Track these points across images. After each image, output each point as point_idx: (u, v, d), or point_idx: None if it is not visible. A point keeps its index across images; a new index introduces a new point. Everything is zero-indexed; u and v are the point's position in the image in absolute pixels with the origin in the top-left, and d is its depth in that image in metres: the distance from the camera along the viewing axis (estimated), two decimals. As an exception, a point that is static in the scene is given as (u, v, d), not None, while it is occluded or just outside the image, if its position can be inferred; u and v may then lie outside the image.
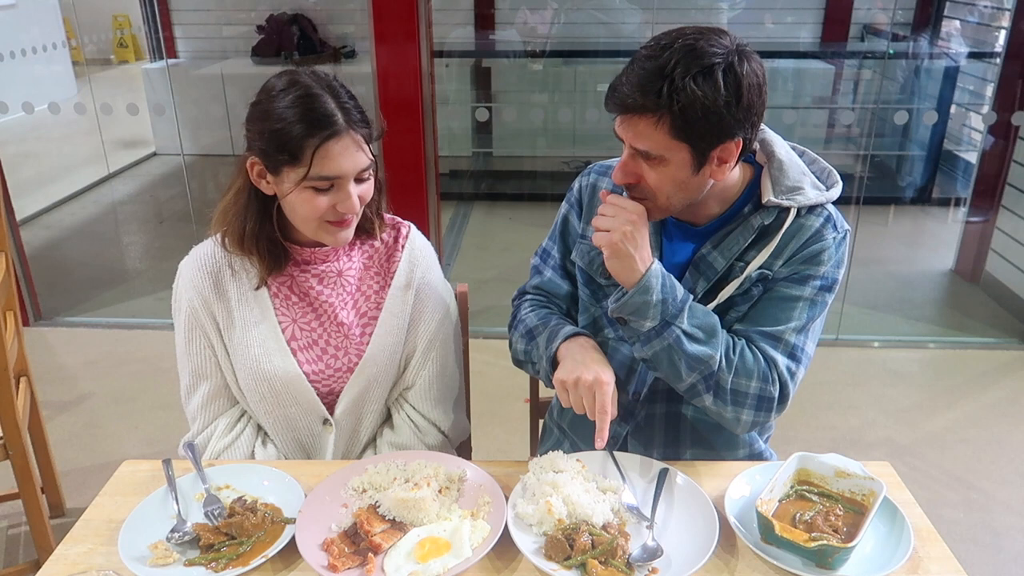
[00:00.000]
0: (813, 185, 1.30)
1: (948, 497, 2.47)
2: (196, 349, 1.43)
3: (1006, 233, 3.67)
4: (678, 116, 1.14)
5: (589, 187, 1.45)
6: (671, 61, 1.14)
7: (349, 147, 1.25)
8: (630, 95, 1.16)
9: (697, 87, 1.13)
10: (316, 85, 1.26)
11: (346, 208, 1.28)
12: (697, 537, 1.13)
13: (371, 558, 1.09)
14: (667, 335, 1.23)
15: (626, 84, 1.17)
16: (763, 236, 1.29)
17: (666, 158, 1.19)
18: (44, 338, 3.48)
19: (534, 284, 1.51)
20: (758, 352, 1.27)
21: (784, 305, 1.28)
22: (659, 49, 1.15)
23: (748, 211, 1.30)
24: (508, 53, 5.41)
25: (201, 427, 1.45)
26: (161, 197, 5.31)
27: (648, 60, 1.15)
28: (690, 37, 1.15)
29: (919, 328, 3.61)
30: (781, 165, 1.29)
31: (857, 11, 5.48)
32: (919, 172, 5.11)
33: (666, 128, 1.16)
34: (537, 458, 1.27)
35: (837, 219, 1.31)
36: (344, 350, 1.43)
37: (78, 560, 1.13)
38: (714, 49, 1.14)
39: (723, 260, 1.30)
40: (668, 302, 1.22)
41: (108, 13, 7.82)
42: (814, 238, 1.28)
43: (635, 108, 1.16)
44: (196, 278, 1.41)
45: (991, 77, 4.36)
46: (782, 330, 1.28)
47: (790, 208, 1.27)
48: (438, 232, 3.61)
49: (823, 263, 1.27)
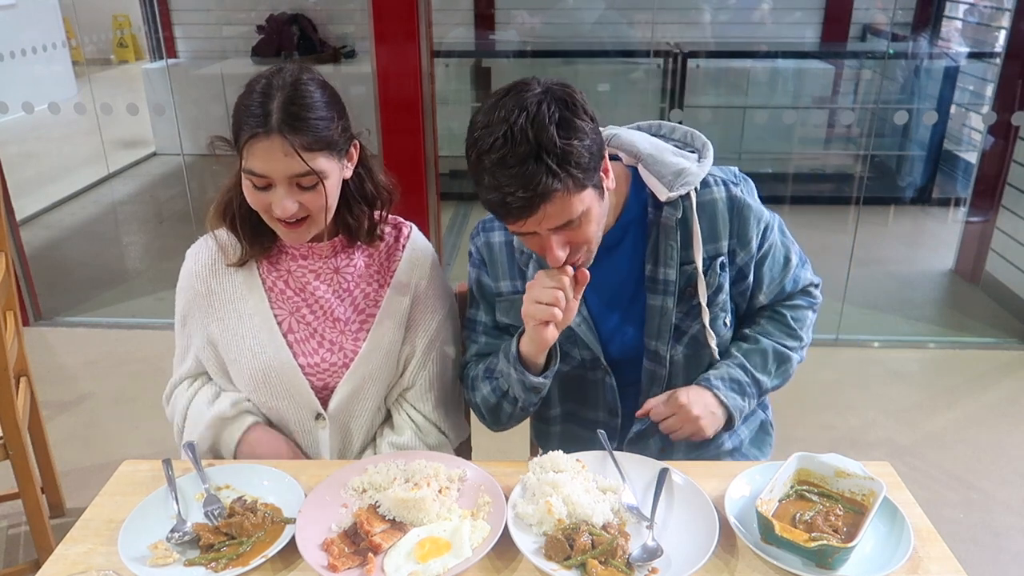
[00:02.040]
0: (687, 158, 1.36)
1: (948, 497, 2.47)
2: (188, 332, 1.48)
3: (1006, 233, 3.67)
4: (576, 174, 1.14)
5: (485, 246, 1.47)
6: (529, 140, 1.11)
7: (275, 150, 1.23)
8: (530, 199, 1.13)
9: (571, 140, 1.13)
10: (276, 83, 1.26)
11: (280, 211, 1.27)
12: (697, 537, 1.13)
13: (371, 558, 1.09)
14: (762, 397, 1.46)
15: (512, 191, 1.13)
16: (683, 229, 1.35)
17: (586, 210, 1.19)
18: (44, 338, 3.48)
19: (472, 354, 1.51)
20: (799, 297, 1.48)
21: (773, 255, 1.42)
22: (505, 143, 1.12)
23: (653, 214, 1.36)
24: (508, 53, 5.40)
25: (169, 393, 1.51)
26: (161, 197, 5.31)
27: (515, 159, 1.12)
28: (512, 110, 1.13)
29: (919, 328, 3.61)
30: (654, 159, 1.35)
31: (857, 11, 5.48)
32: (919, 172, 5.11)
33: (570, 190, 1.15)
34: (537, 458, 1.27)
35: (724, 174, 1.38)
36: (340, 345, 1.43)
37: (78, 560, 1.13)
38: (538, 99, 1.13)
39: (672, 270, 1.35)
40: (750, 397, 1.41)
41: (108, 13, 7.82)
42: (734, 206, 1.36)
43: (539, 203, 1.14)
44: (195, 267, 1.44)
45: (991, 77, 4.36)
46: (790, 267, 1.44)
47: (689, 193, 1.33)
48: (438, 232, 3.61)
49: (759, 212, 1.38)
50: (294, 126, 1.23)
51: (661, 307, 1.37)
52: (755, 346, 1.45)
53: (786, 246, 1.44)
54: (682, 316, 1.39)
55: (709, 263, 1.36)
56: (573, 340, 1.41)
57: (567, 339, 1.40)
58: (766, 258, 1.42)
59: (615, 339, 1.42)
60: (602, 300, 1.41)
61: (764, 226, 1.39)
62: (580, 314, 1.38)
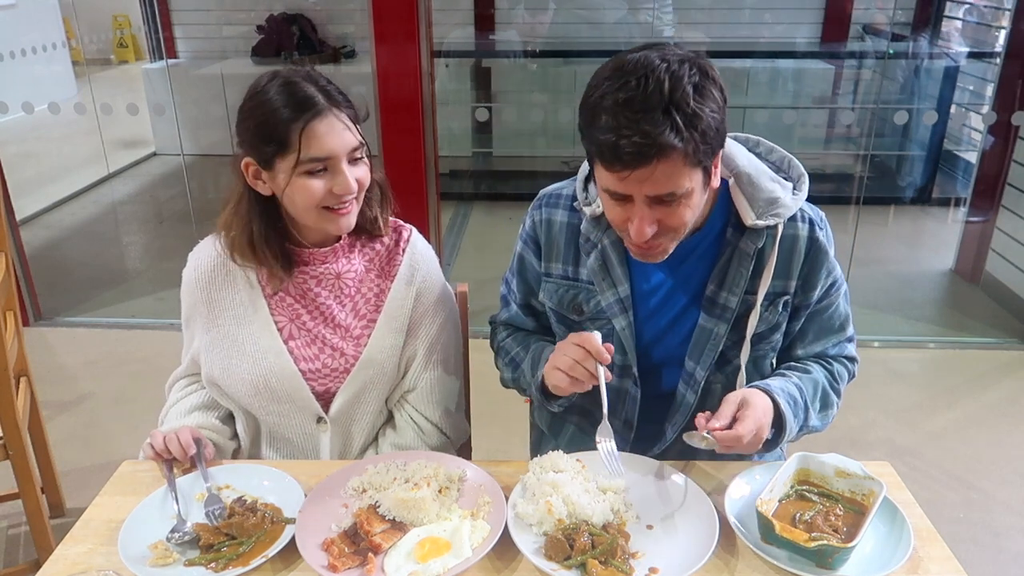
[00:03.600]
0: (783, 187, 1.29)
1: (948, 497, 2.47)
2: (190, 333, 1.49)
3: (1006, 233, 3.67)
4: (699, 143, 1.07)
5: (543, 223, 1.39)
6: (670, 91, 1.05)
7: (335, 125, 1.26)
8: (647, 147, 1.05)
9: (703, 105, 1.07)
10: (295, 74, 1.28)
11: (343, 189, 1.28)
12: (697, 537, 1.13)
13: (371, 558, 1.09)
14: (802, 432, 1.35)
15: (629, 134, 1.05)
16: (758, 258, 1.28)
17: (690, 190, 1.12)
18: (44, 338, 3.48)
19: (503, 319, 1.52)
20: (843, 361, 1.41)
21: (830, 314, 1.38)
22: (638, 87, 1.05)
23: (732, 235, 1.28)
24: (508, 53, 5.40)
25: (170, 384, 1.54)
26: (161, 197, 5.31)
27: (642, 105, 1.05)
28: (653, 60, 1.07)
29: (919, 328, 3.61)
30: (750, 179, 1.26)
31: (857, 11, 5.48)
32: (919, 172, 5.11)
33: (688, 161, 1.09)
34: (537, 458, 1.27)
35: (814, 213, 1.32)
36: (341, 351, 1.43)
37: (78, 560, 1.13)
38: (679, 59, 1.08)
39: (735, 297, 1.29)
40: (799, 418, 1.30)
41: (108, 13, 7.82)
42: (812, 248, 1.30)
43: (654, 155, 1.06)
44: (194, 274, 1.44)
45: (991, 77, 4.36)
46: (843, 334, 1.40)
47: (776, 224, 1.26)
48: (438, 232, 3.60)
49: (832, 264, 1.33)
50: (339, 101, 1.28)
51: (713, 331, 1.31)
52: (807, 375, 1.35)
53: (846, 314, 1.40)
54: (731, 345, 1.33)
55: (773, 299, 1.30)
56: (610, 340, 1.34)
57: (604, 337, 1.33)
58: (821, 314, 1.36)
59: (654, 350, 1.37)
60: (652, 307, 1.35)
61: (832, 281, 1.34)
62: (627, 318, 1.33)
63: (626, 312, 1.33)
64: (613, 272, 1.33)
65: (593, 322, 1.37)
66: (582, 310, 1.38)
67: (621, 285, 1.33)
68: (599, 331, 1.27)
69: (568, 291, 1.38)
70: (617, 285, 1.33)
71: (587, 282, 1.36)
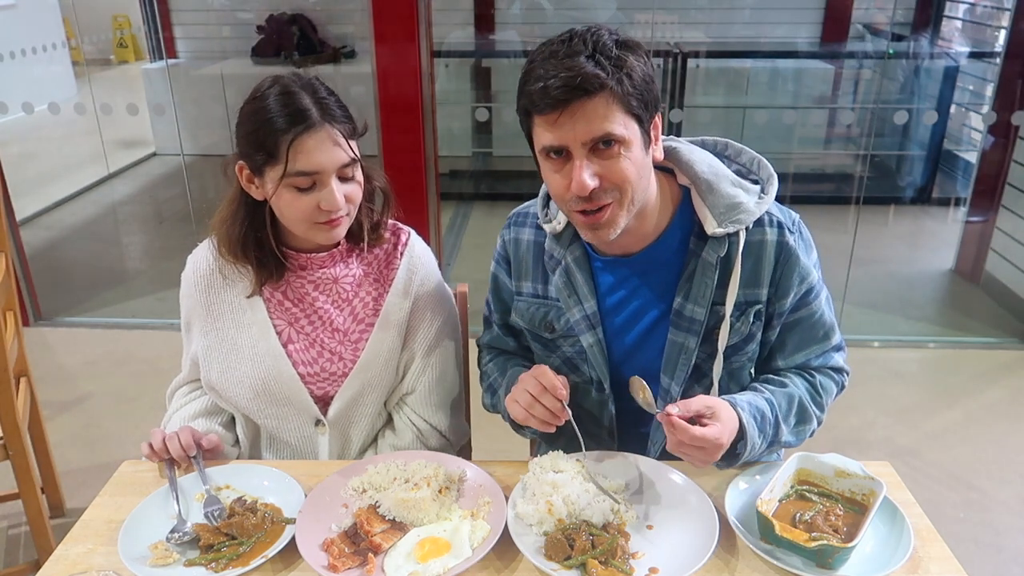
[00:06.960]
0: (747, 191, 1.25)
1: (948, 497, 2.47)
2: (190, 337, 1.48)
3: (1006, 233, 3.67)
4: (627, 84, 1.10)
5: (512, 242, 1.40)
6: (592, 42, 1.10)
7: (325, 141, 1.25)
8: (573, 79, 1.07)
9: (627, 54, 1.12)
10: (294, 84, 1.27)
11: (329, 205, 1.27)
12: (697, 537, 1.13)
13: (371, 558, 1.09)
14: (772, 447, 1.30)
15: (559, 75, 1.08)
16: (723, 268, 1.25)
17: (627, 138, 1.12)
18: (44, 338, 3.48)
19: (486, 341, 1.53)
20: (828, 373, 1.35)
21: (811, 323, 1.32)
22: (570, 41, 1.11)
23: (695, 245, 1.26)
24: (508, 53, 5.40)
25: (171, 392, 1.53)
26: (161, 197, 5.31)
27: (567, 52, 1.10)
28: (580, 28, 1.14)
29: (919, 328, 3.61)
30: (710, 185, 1.24)
31: (857, 11, 5.48)
32: (919, 172, 5.11)
33: (618, 102, 1.10)
34: (537, 458, 1.27)
35: (783, 216, 1.27)
36: (339, 355, 1.43)
37: (78, 560, 1.13)
38: (605, 27, 1.14)
39: (702, 309, 1.25)
40: (764, 440, 1.25)
41: (108, 13, 7.81)
42: (782, 254, 1.25)
43: (583, 90, 1.08)
44: (193, 277, 1.44)
45: (991, 77, 4.36)
46: (826, 343, 1.34)
47: (738, 231, 1.23)
48: (438, 232, 3.60)
49: (806, 270, 1.27)
50: (334, 115, 1.26)
51: (683, 345, 1.27)
52: (782, 389, 1.30)
53: (831, 323, 1.33)
54: (705, 357, 1.30)
55: (744, 309, 1.26)
56: (583, 357, 1.35)
57: (578, 354, 1.36)
58: (800, 323, 1.31)
59: (626, 366, 1.35)
60: (621, 322, 1.33)
61: (806, 288, 1.28)
62: (595, 335, 1.32)
63: (594, 329, 1.32)
64: (579, 289, 1.31)
65: (565, 339, 1.37)
66: (553, 328, 1.37)
67: (587, 301, 1.31)
68: (571, 348, 1.29)
69: (539, 309, 1.38)
70: (583, 301, 1.31)
71: (556, 300, 1.35)
